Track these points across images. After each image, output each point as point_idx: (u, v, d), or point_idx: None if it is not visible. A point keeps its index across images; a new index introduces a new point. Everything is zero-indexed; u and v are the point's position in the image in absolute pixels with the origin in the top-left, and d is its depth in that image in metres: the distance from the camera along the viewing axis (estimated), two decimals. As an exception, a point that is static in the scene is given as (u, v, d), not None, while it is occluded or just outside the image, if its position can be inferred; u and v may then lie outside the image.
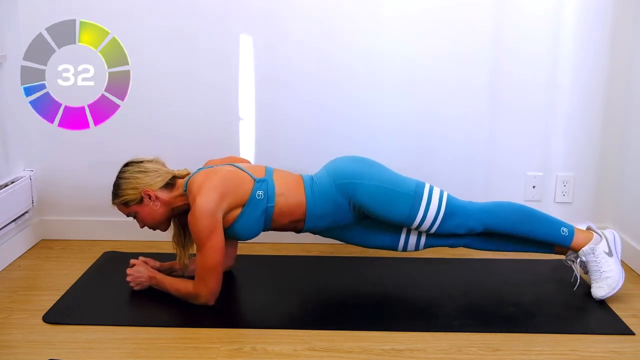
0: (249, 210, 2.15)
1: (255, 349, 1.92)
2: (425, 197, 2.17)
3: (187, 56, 2.67)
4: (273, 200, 2.17)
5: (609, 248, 2.19)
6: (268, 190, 2.17)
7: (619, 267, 2.20)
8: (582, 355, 1.90)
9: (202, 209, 2.05)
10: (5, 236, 2.52)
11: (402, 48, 2.67)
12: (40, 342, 1.94)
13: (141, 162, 2.23)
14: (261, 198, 2.15)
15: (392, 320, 2.09)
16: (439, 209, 2.17)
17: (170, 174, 2.23)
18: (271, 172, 2.24)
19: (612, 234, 2.26)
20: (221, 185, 2.11)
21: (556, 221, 2.25)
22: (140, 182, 2.17)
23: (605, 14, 2.61)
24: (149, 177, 2.18)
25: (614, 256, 2.20)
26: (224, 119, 2.73)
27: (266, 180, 2.18)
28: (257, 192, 2.15)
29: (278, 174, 2.25)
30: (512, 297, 2.26)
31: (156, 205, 2.18)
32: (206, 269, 2.07)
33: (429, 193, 2.18)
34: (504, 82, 2.69)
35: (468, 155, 2.75)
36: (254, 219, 2.16)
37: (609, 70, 2.66)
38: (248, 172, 2.20)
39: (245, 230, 2.19)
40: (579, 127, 2.73)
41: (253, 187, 2.16)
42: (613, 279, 2.18)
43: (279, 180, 2.21)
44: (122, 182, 2.19)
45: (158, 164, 2.25)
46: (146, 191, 2.16)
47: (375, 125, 2.72)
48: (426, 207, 2.16)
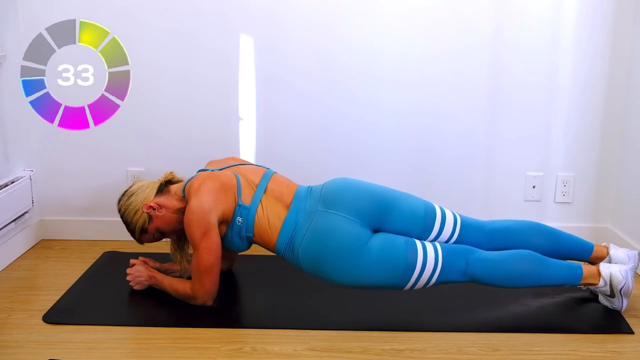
0: (231, 231, 2.14)
1: (255, 349, 1.92)
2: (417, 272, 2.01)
3: (187, 56, 2.67)
4: (251, 230, 2.12)
5: (611, 292, 2.12)
6: (248, 220, 2.11)
7: (621, 304, 2.13)
8: (582, 355, 1.90)
9: (196, 210, 2.05)
10: (5, 236, 2.52)
11: (402, 48, 2.66)
12: (40, 342, 1.94)
13: (125, 191, 2.24)
14: (240, 224, 2.12)
15: (392, 320, 2.09)
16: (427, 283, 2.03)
17: (157, 182, 2.24)
18: (259, 198, 2.14)
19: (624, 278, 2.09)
20: (217, 190, 2.10)
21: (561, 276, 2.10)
22: (136, 203, 2.18)
23: (605, 14, 2.61)
24: (139, 195, 2.19)
25: (615, 298, 2.12)
26: (224, 119, 2.73)
27: (248, 208, 2.11)
28: (237, 218, 2.12)
29: (265, 202, 2.13)
30: (512, 297, 2.26)
31: (162, 212, 2.18)
32: (201, 270, 2.07)
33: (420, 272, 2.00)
34: (504, 81, 2.69)
35: (468, 155, 2.75)
36: (237, 240, 2.16)
37: (609, 70, 2.66)
38: (240, 188, 2.14)
39: (233, 247, 2.19)
40: (579, 127, 2.73)
41: (234, 210, 2.12)
42: (616, 307, 2.15)
43: (262, 212, 2.11)
44: (126, 215, 2.21)
45: (140, 182, 2.25)
46: (146, 205, 2.17)
47: (375, 123, 2.72)
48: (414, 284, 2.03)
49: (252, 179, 2.20)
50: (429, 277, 2.01)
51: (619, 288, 2.09)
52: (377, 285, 2.03)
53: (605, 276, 2.10)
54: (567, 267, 2.11)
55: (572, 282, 2.11)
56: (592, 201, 2.80)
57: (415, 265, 1.99)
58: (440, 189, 2.73)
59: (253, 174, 2.22)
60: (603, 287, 2.11)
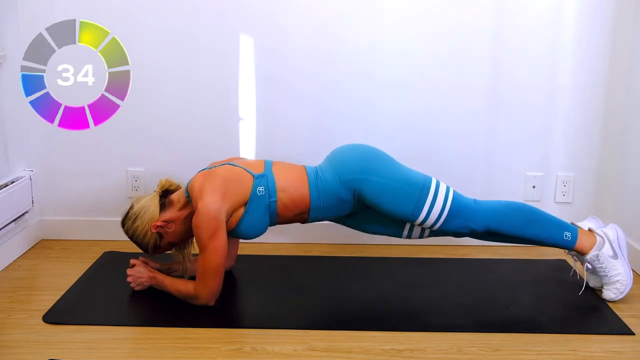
0: (252, 207, 2.15)
1: (255, 349, 1.92)
2: (430, 197, 2.16)
3: (187, 56, 2.67)
4: (275, 194, 2.17)
5: (613, 250, 2.18)
6: (268, 185, 2.17)
7: (627, 268, 2.19)
8: (582, 355, 1.90)
9: (205, 212, 2.05)
10: (5, 236, 2.52)
11: (402, 48, 2.67)
12: (40, 342, 1.94)
13: (126, 214, 2.21)
14: (262, 194, 2.15)
15: (392, 320, 2.09)
16: (442, 209, 2.16)
17: (155, 196, 2.21)
18: (270, 166, 2.23)
19: (614, 231, 2.24)
20: (222, 185, 2.11)
21: (560, 224, 2.23)
22: (143, 227, 2.16)
23: (605, 14, 2.62)
24: (144, 216, 2.16)
25: (619, 258, 2.19)
26: (224, 119, 2.73)
27: (265, 175, 2.18)
28: (258, 189, 2.15)
29: (278, 168, 2.24)
30: (512, 297, 2.26)
31: (171, 228, 2.18)
32: (207, 270, 2.07)
33: (435, 192, 2.17)
34: (504, 81, 2.69)
35: (468, 155, 2.75)
36: (259, 215, 2.16)
37: (609, 70, 2.66)
38: (246, 168, 2.19)
39: (252, 229, 2.18)
40: (579, 127, 2.73)
41: (253, 183, 2.16)
42: (621, 282, 2.18)
43: (279, 174, 2.21)
44: (135, 238, 2.20)
45: (140, 201, 2.21)
46: (154, 225, 2.16)
47: (375, 123, 2.72)
48: (430, 207, 2.16)
49: (254, 164, 2.25)
50: (443, 201, 2.15)
51: (615, 240, 2.19)
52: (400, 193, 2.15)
53: (599, 233, 2.21)
54: (565, 224, 2.23)
55: (572, 231, 2.20)
56: (592, 201, 2.80)
57: (430, 184, 2.18)
58: (440, 189, 2.72)
59: (254, 162, 2.27)
60: (602, 244, 2.18)
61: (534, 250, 2.61)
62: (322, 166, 2.28)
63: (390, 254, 2.66)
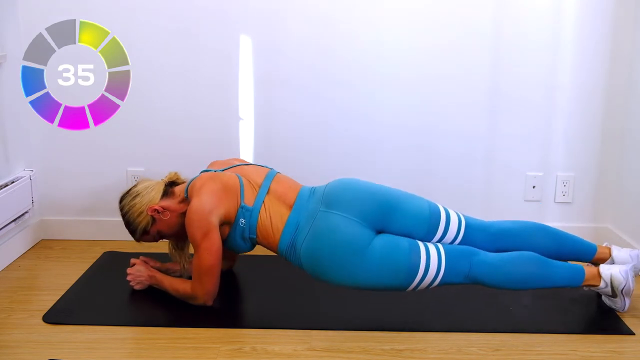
0: (234, 232, 2.14)
1: (255, 349, 1.92)
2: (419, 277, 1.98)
3: (187, 56, 2.67)
4: (254, 232, 2.12)
5: (613, 292, 2.12)
6: (251, 221, 2.11)
7: (622, 304, 2.13)
8: (582, 355, 1.90)
9: (198, 210, 2.05)
10: (5, 236, 2.52)
11: (402, 47, 2.67)
12: (40, 342, 1.94)
13: (129, 190, 2.22)
14: (244, 226, 2.12)
15: (392, 320, 2.09)
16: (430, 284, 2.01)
17: (161, 183, 2.22)
18: (262, 199, 2.13)
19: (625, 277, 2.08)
20: (221, 190, 2.10)
21: (566, 278, 2.09)
22: (141, 205, 2.16)
23: (605, 14, 2.61)
24: (145, 196, 2.17)
25: (618, 298, 2.13)
26: (224, 118, 2.73)
27: (251, 210, 2.11)
28: (241, 220, 2.11)
29: (268, 203, 2.13)
30: (512, 297, 2.26)
31: (166, 216, 2.17)
32: (202, 270, 2.07)
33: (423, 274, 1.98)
34: (504, 81, 2.69)
35: (468, 155, 2.75)
36: (240, 242, 2.15)
37: (609, 70, 2.66)
38: (243, 191, 2.14)
39: (236, 249, 2.19)
40: (579, 127, 2.73)
41: (237, 211, 2.12)
42: (618, 308, 2.15)
43: (265, 214, 2.11)
44: (128, 216, 2.19)
45: (145, 182, 2.24)
46: (151, 208, 2.16)
47: (375, 122, 2.72)
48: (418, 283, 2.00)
49: (255, 180, 2.19)
50: (431, 280, 2.00)
51: (620, 289, 2.09)
52: (379, 287, 2.02)
53: (605, 278, 2.09)
54: (570, 269, 2.10)
55: (574, 284, 2.10)
56: (592, 201, 2.80)
57: (418, 268, 1.97)
58: (441, 189, 2.72)
59: (256, 175, 2.21)
60: (604, 288, 2.11)
61: (534, 250, 2.61)
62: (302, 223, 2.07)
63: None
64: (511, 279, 2.04)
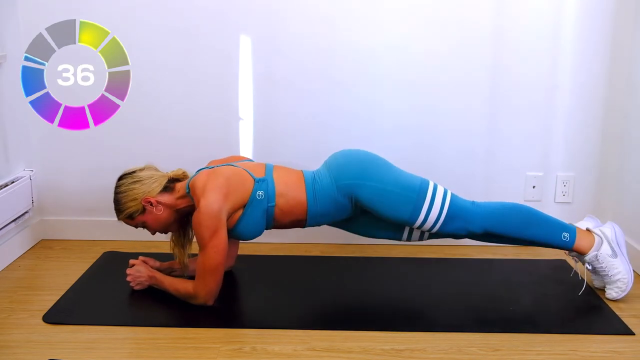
0: (250, 210, 2.15)
1: (255, 349, 1.92)
2: (428, 200, 2.15)
3: (187, 56, 2.67)
4: (274, 199, 2.17)
5: (611, 249, 2.19)
6: (268, 189, 2.17)
7: (627, 266, 2.19)
8: (582, 355, 1.90)
9: (207, 210, 2.05)
10: (5, 236, 2.52)
11: (402, 47, 2.66)
12: (40, 342, 1.94)
13: (134, 172, 2.22)
14: (262, 198, 2.15)
15: (392, 320, 2.09)
16: (440, 212, 2.16)
17: (165, 177, 2.22)
18: (271, 171, 2.23)
19: (612, 230, 2.23)
20: (225, 185, 2.11)
21: (558, 225, 2.22)
22: (137, 192, 2.17)
23: (605, 14, 2.61)
24: (145, 185, 2.18)
25: (618, 256, 2.19)
26: (224, 118, 2.73)
27: (266, 180, 2.18)
28: (258, 192, 2.15)
29: (278, 172, 2.24)
30: (512, 297, 2.26)
31: (159, 210, 2.18)
32: (207, 269, 2.07)
33: (432, 196, 2.16)
34: (504, 81, 2.69)
35: (468, 155, 2.75)
36: (256, 219, 2.16)
37: (609, 70, 2.66)
38: (249, 171, 2.20)
39: (248, 231, 2.19)
40: (579, 127, 2.73)
41: (253, 187, 2.16)
42: (622, 281, 2.18)
43: (279, 179, 2.21)
44: (121, 197, 2.19)
45: (151, 170, 2.24)
46: (146, 199, 2.16)
47: (375, 122, 2.72)
48: (427, 211, 2.15)
49: (257, 164, 2.28)
50: (440, 206, 2.15)
51: (614, 238, 2.18)
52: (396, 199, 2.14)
53: (597, 232, 2.21)
54: (563, 225, 2.22)
55: (570, 232, 2.20)
56: (592, 201, 2.80)
57: (427, 187, 2.16)
58: (440, 189, 2.72)
59: (255, 165, 2.27)
60: (601, 244, 2.18)
61: (534, 250, 2.61)
62: (319, 171, 2.28)
63: (390, 254, 2.66)
64: (510, 220, 2.19)
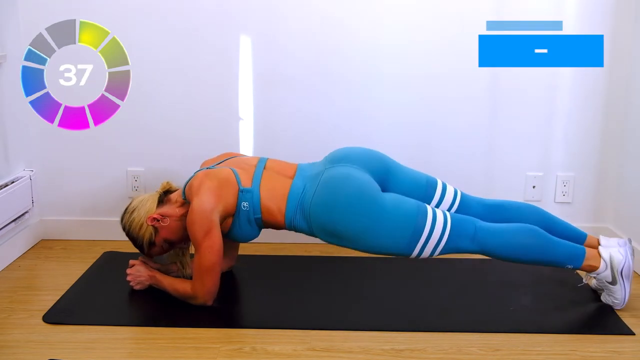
0: (238, 220, 2.15)
1: (255, 349, 1.92)
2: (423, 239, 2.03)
3: (187, 56, 2.67)
4: (259, 211, 2.14)
5: (612, 277, 2.12)
6: (253, 201, 2.13)
7: (622, 294, 2.13)
8: (582, 355, 1.90)
9: (198, 210, 2.06)
10: (5, 236, 2.52)
11: (402, 46, 2.66)
12: (40, 342, 1.94)
13: (125, 209, 2.24)
14: (247, 209, 2.13)
15: (392, 320, 2.09)
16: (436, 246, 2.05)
17: (155, 194, 2.24)
18: (260, 175, 2.17)
19: (624, 260, 2.11)
20: (218, 187, 2.11)
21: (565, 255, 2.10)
22: (139, 218, 2.18)
23: (605, 14, 2.61)
24: (141, 209, 2.19)
25: (618, 284, 2.12)
26: (224, 118, 2.73)
27: (251, 190, 2.13)
28: (243, 203, 2.13)
29: (267, 178, 2.17)
30: (512, 297, 2.26)
31: (166, 222, 2.18)
32: (203, 269, 2.07)
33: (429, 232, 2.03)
34: (504, 80, 2.69)
35: (468, 154, 2.75)
36: (246, 227, 2.16)
37: (609, 70, 2.66)
38: (238, 177, 2.16)
39: (243, 236, 2.20)
40: (579, 127, 2.73)
41: (238, 197, 2.13)
42: (617, 300, 2.15)
43: (266, 186, 2.15)
44: (131, 231, 2.21)
45: (138, 197, 2.25)
46: (150, 218, 2.17)
47: (375, 121, 2.72)
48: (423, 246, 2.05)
49: (249, 162, 2.25)
50: (438, 239, 2.04)
51: (620, 268, 2.10)
52: (387, 243, 2.03)
53: (605, 258, 2.11)
54: (571, 246, 2.13)
55: (575, 263, 2.11)
56: (592, 201, 2.80)
57: (425, 223, 2.02)
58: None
59: (249, 159, 2.27)
60: (604, 271, 2.11)
61: (534, 250, 2.61)
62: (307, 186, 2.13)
63: (390, 254, 2.66)
64: (513, 246, 2.08)
